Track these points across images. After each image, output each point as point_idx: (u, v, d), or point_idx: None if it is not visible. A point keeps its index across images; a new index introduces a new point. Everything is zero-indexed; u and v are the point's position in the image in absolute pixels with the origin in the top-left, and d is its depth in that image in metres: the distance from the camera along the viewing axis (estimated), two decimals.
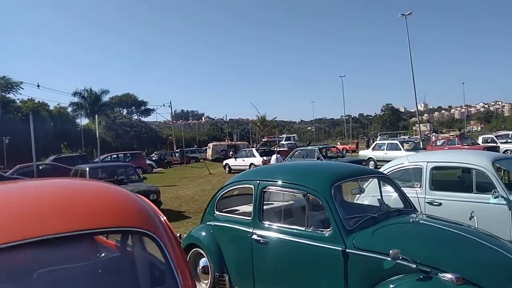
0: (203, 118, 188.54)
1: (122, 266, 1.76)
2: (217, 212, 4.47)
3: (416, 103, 27.96)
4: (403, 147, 18.54)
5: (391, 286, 2.82)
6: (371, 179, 4.54)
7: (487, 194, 4.92)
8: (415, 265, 2.77)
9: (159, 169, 29.27)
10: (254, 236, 3.82)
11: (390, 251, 2.74)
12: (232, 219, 4.24)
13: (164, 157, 32.44)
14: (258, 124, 47.30)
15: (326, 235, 3.31)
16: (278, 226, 3.71)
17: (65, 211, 1.69)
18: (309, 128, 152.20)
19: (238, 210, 4.72)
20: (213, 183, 16.95)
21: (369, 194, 5.12)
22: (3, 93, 46.41)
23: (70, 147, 54.89)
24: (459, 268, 2.71)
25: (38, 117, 47.04)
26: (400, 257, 2.75)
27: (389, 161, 19.76)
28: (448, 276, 2.62)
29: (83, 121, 60.22)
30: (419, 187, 5.68)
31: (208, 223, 4.54)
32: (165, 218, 2.08)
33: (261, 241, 3.75)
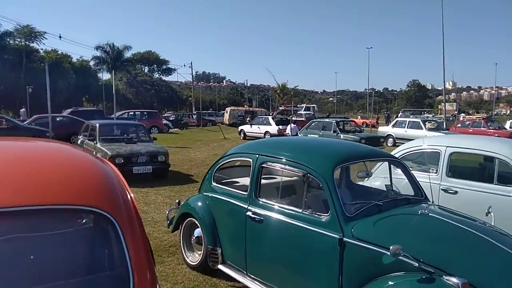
0: (224, 81, 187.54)
1: (61, 247, 1.49)
2: (214, 183, 4.27)
3: (444, 81, 26.71)
4: (425, 126, 17.84)
5: (389, 283, 2.56)
6: (381, 162, 4.20)
7: (509, 186, 4.53)
8: (417, 264, 2.49)
9: (175, 129, 29.26)
10: (249, 213, 3.61)
11: (391, 247, 2.46)
12: (228, 192, 4.02)
13: (181, 118, 32.35)
14: (278, 91, 46.52)
15: (323, 220, 3.05)
16: (274, 205, 3.47)
17: (2, 181, 1.45)
18: (330, 99, 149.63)
19: (236, 183, 4.50)
20: (226, 148, 16.69)
21: (380, 175, 4.81)
22: (26, 42, 46.68)
23: (91, 101, 55.67)
24: (467, 272, 2.42)
25: (61, 68, 47.50)
26: (402, 254, 2.47)
27: (409, 139, 19.17)
28: (454, 280, 2.34)
29: (105, 76, 60.65)
30: (434, 173, 5.33)
31: (205, 193, 4.35)
32: (132, 196, 1.80)
33: (256, 218, 3.53)
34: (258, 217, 3.52)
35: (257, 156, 3.72)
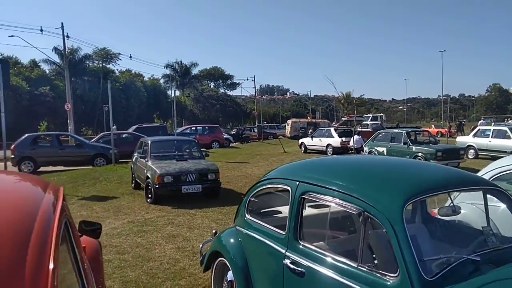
0: (288, 93, 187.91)
1: None
2: (247, 216, 3.46)
3: None
4: None
5: None
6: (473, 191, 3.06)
7: None
8: None
9: (236, 143, 29.23)
10: (287, 261, 2.73)
11: None
12: (263, 229, 3.19)
13: (242, 132, 32.31)
14: (341, 101, 44.75)
15: (389, 283, 2.08)
16: (320, 253, 2.55)
17: None
18: (400, 107, 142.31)
19: (276, 214, 3.66)
20: (285, 162, 15.98)
21: (466, 201, 3.65)
22: (103, 64, 50.29)
23: (161, 117, 58.41)
24: None
25: (134, 87, 50.48)
26: None
27: (494, 151, 16.62)
28: None
29: (174, 92, 63.44)
30: None
31: (238, 227, 3.56)
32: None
33: (296, 270, 2.64)
34: (298, 269, 2.63)
35: (297, 183, 2.85)
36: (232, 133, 32.91)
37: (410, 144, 14.19)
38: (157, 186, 8.28)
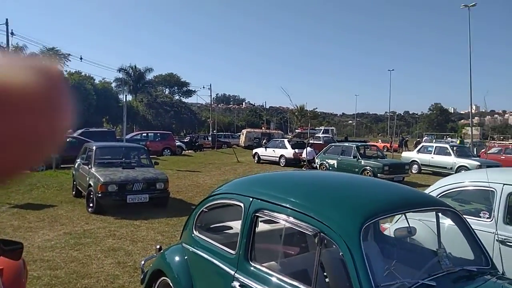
0: (243, 103, 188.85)
1: None
2: (195, 232, 3.20)
3: (471, 104, 25.23)
4: (454, 152, 16.39)
5: None
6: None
7: None
8: None
9: (189, 151, 28.82)
10: (236, 284, 2.52)
11: None
12: (211, 248, 2.95)
13: (195, 140, 31.72)
14: (296, 113, 45.61)
15: None
16: (272, 275, 2.36)
17: None
18: (350, 122, 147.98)
19: (226, 230, 3.44)
20: (239, 173, 16.06)
21: (415, 217, 3.66)
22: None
23: (111, 122, 56.12)
24: None
25: (83, 90, 48.14)
26: None
27: (436, 166, 17.41)
28: None
29: (125, 97, 61.37)
30: (487, 218, 4.14)
31: (184, 244, 3.29)
32: None
33: None
34: None
35: (251, 200, 2.66)
36: (185, 140, 32.33)
37: (360, 158, 14.58)
38: (99, 195, 7.74)
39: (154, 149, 21.79)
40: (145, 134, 25.56)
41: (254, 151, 22.27)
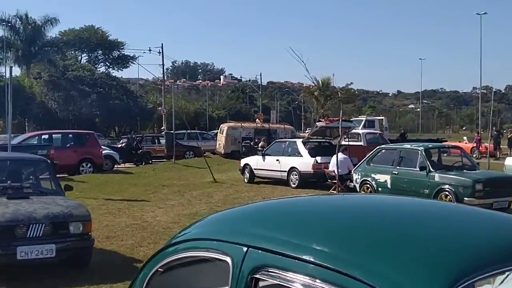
0: (222, 77, 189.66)
1: None
2: None
3: None
4: None
5: None
6: None
7: None
8: None
9: (126, 165, 29.01)
10: None
11: None
12: None
13: (138, 145, 31.73)
14: (315, 93, 45.77)
15: None
16: None
17: None
18: (411, 106, 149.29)
19: None
20: (215, 202, 16.24)
21: None
22: None
23: None
24: None
25: None
26: None
27: None
28: None
29: (10, 69, 61.30)
30: None
31: None
32: None
33: None
34: None
35: (244, 250, 2.63)
36: (120, 146, 32.55)
37: (431, 169, 14.65)
38: None
39: (64, 162, 21.85)
40: (46, 136, 25.54)
41: (244, 161, 22.44)
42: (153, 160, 32.31)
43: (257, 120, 43.88)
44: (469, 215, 3.22)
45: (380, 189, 15.54)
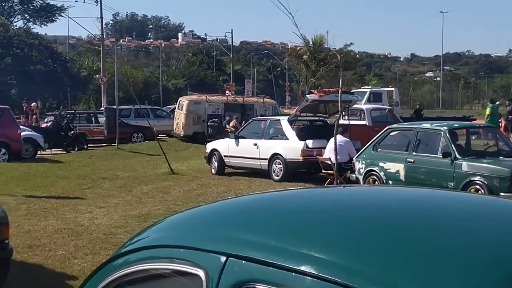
0: (180, 36, 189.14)
1: None
2: None
3: None
4: None
5: None
6: None
7: None
8: None
9: (53, 151, 29.09)
10: None
11: None
12: None
13: (68, 124, 31.57)
14: (305, 56, 45.91)
15: None
16: None
17: None
18: (428, 74, 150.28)
19: None
20: (174, 200, 16.34)
21: None
22: None
23: None
24: None
25: None
26: None
27: None
28: None
29: None
30: None
31: None
32: None
33: None
34: None
35: (223, 260, 2.63)
36: (45, 125, 32.72)
37: (458, 156, 14.75)
38: None
39: None
40: None
41: (210, 146, 22.54)
42: (89, 145, 32.32)
43: (227, 92, 43.97)
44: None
45: (390, 182, 15.57)
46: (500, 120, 34.31)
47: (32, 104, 38.91)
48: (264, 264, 2.51)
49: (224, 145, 21.75)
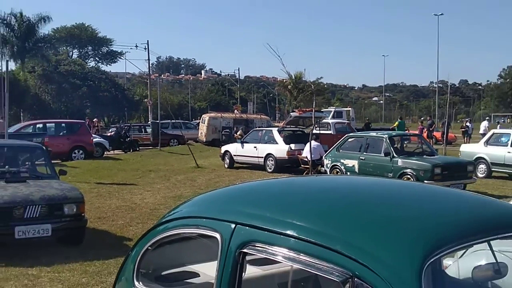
0: (203, 72, 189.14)
1: None
2: (138, 285, 3.14)
3: None
4: None
5: None
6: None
7: None
8: None
9: (115, 152, 28.87)
10: None
11: None
12: None
13: (126, 133, 31.65)
14: (289, 86, 45.88)
15: None
16: None
17: None
18: (375, 99, 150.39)
19: (186, 279, 3.53)
20: (199, 185, 16.25)
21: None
22: None
23: None
24: None
25: None
26: None
27: None
28: None
29: (6, 63, 60.55)
30: None
31: None
32: None
33: None
34: None
35: (233, 226, 2.61)
36: (109, 134, 32.48)
37: (395, 155, 14.75)
38: None
39: (58, 149, 21.67)
40: (41, 125, 25.28)
41: (224, 149, 22.49)
42: (140, 148, 32.38)
43: (235, 111, 43.88)
44: (437, 192, 3.24)
45: (348, 173, 15.65)
46: (423, 129, 34.21)
47: (94, 120, 38.75)
48: (261, 229, 2.51)
49: (233, 148, 21.88)
